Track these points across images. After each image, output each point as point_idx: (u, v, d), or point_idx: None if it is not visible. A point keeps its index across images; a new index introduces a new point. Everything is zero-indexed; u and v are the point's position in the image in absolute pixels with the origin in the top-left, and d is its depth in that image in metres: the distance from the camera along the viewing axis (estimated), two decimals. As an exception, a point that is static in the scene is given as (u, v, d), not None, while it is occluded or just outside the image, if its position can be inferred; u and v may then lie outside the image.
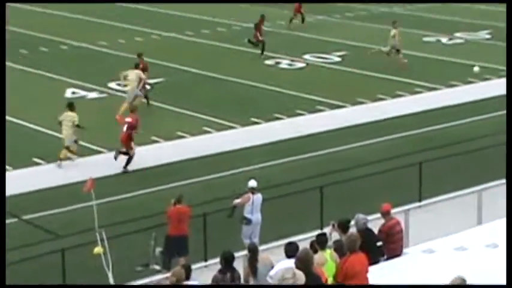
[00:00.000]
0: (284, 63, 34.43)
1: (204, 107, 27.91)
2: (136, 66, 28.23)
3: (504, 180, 18.15)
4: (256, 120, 26.77)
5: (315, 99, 29.01)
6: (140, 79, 27.63)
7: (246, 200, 17.64)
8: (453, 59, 34.77)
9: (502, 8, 43.47)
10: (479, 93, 29.48)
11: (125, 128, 22.75)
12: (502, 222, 14.98)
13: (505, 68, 32.41)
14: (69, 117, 23.01)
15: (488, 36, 39.22)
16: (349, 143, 24.57)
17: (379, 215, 15.52)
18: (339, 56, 35.56)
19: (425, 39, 38.64)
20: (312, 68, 33.97)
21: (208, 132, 25.73)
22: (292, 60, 34.80)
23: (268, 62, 34.74)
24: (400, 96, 29.48)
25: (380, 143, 24.75)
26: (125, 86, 28.53)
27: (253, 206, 17.60)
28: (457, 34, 39.59)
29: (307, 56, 35.40)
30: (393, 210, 15.91)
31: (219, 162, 23.16)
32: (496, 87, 30.09)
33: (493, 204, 17.92)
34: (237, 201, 17.76)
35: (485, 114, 27.05)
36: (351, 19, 44.29)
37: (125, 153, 22.59)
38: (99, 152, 23.88)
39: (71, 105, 23.45)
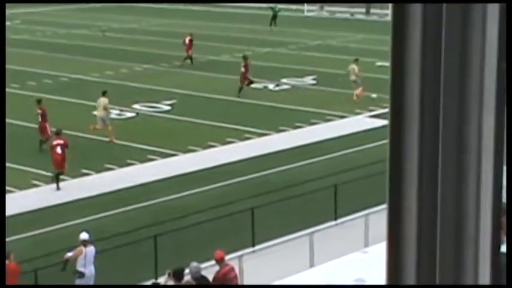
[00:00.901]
0: (114, 113, 34.12)
1: (31, 160, 27.19)
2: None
3: (334, 222, 18.60)
4: (86, 171, 26.31)
5: (146, 148, 28.86)
6: None
7: (79, 253, 17.26)
8: (281, 104, 35.52)
9: (327, 54, 44.95)
10: (308, 138, 30.19)
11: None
12: (334, 264, 15.28)
13: (331, 112, 33.46)
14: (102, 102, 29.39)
15: (313, 82, 40.35)
16: (182, 191, 24.54)
17: (213, 261, 15.51)
18: (169, 105, 35.62)
19: (253, 85, 39.33)
20: (143, 117, 33.84)
21: (37, 185, 25.06)
22: (122, 110, 34.55)
23: (96, 112, 34.33)
24: (230, 142, 29.79)
25: (212, 190, 24.85)
26: None
27: (86, 259, 17.23)
28: (284, 80, 40.52)
29: (136, 106, 35.26)
30: (227, 257, 15.95)
31: (49, 216, 22.56)
32: (323, 131, 30.93)
33: (324, 246, 18.28)
34: (69, 254, 17.34)
35: (314, 158, 27.69)
36: (179, 67, 44.53)
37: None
38: None
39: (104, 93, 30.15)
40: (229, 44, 50.86)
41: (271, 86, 39.54)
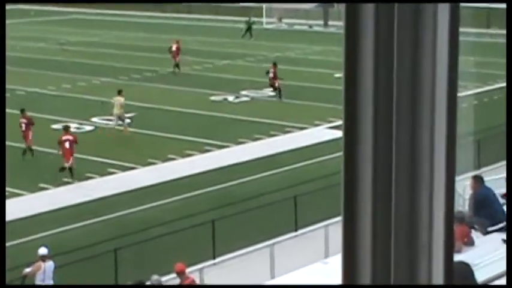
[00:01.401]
0: (72, 127, 33.86)
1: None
2: None
3: (294, 233, 18.64)
4: (44, 185, 26.11)
5: (105, 161, 28.71)
6: None
7: (37, 268, 17.10)
8: (240, 116, 35.57)
9: (286, 66, 45.07)
10: (267, 150, 30.25)
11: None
12: (295, 275, 15.30)
13: (290, 124, 33.58)
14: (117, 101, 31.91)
15: (272, 94, 40.45)
16: (142, 204, 24.44)
17: (174, 274, 15.47)
18: (128, 118, 35.48)
19: (213, 98, 39.35)
20: (101, 131, 33.67)
21: (-5, 200, 24.80)
22: (80, 124, 34.35)
23: (55, 126, 34.10)
24: (190, 155, 29.74)
25: (173, 202, 24.78)
26: None
27: (44, 274, 17.08)
28: (243, 92, 40.59)
29: (95, 119, 35.07)
30: (188, 269, 15.92)
31: (7, 231, 22.32)
32: (282, 143, 31.01)
33: (285, 257, 18.31)
34: (28, 270, 17.18)
35: (274, 169, 27.74)
36: (138, 80, 44.42)
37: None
38: None
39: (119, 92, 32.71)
40: (188, 56, 50.85)
41: (230, 98, 39.58)
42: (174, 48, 44.43)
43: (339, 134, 30.08)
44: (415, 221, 1.80)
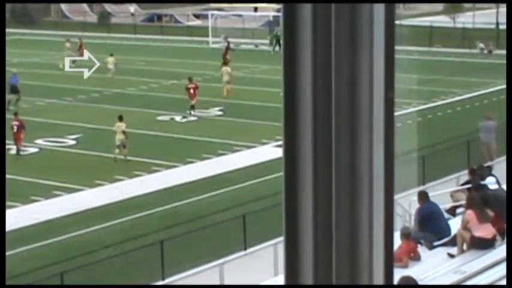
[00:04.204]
0: (15, 150, 33.45)
1: None
2: None
3: (243, 252, 18.61)
4: (-10, 209, 25.74)
5: (51, 184, 28.41)
6: None
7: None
8: (188, 136, 35.50)
9: (233, 85, 45.11)
10: (215, 169, 30.22)
11: None
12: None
13: (238, 142, 33.62)
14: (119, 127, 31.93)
15: (219, 113, 40.47)
16: (90, 226, 24.22)
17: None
18: (74, 139, 35.20)
19: (160, 118, 39.22)
20: (46, 153, 33.33)
21: None
22: (24, 146, 33.93)
23: None
24: (138, 175, 29.57)
25: (121, 223, 24.60)
26: None
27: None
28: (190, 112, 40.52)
29: (39, 141, 34.69)
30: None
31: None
32: (230, 161, 31.02)
33: (235, 276, 18.28)
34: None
35: (222, 188, 27.71)
36: (83, 101, 44.10)
37: None
38: None
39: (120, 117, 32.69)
40: (135, 76, 50.67)
41: (178, 118, 39.49)
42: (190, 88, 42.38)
43: (286, 152, 30.18)
44: (355, 240, 1.83)
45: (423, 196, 18.15)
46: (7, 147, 33.58)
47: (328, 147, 1.85)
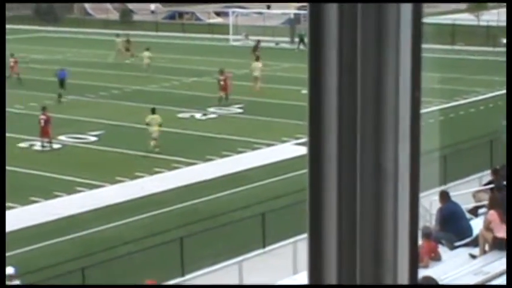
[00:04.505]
0: (38, 145, 33.68)
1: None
2: None
3: (262, 250, 18.60)
4: (11, 204, 25.88)
5: (73, 180, 28.55)
6: None
7: (4, 288, 16.95)
8: (208, 133, 35.55)
9: (253, 83, 45.10)
10: (235, 166, 30.25)
11: None
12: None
13: (258, 140, 33.62)
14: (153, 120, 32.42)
15: (240, 110, 40.50)
16: (111, 222, 24.31)
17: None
18: (95, 135, 35.34)
19: (180, 115, 39.29)
20: (69, 149, 33.50)
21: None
22: (47, 142, 34.10)
23: (22, 144, 33.90)
24: (158, 172, 29.65)
25: (141, 220, 24.68)
26: None
27: (11, 294, 16.94)
28: (210, 109, 40.57)
29: (62, 137, 34.86)
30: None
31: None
32: (250, 159, 31.03)
33: (253, 274, 18.29)
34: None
35: (242, 186, 27.73)
36: (105, 98, 44.27)
37: None
38: None
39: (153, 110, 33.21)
40: (156, 73, 50.79)
41: (198, 115, 39.56)
42: (222, 79, 42.70)
43: (305, 150, 30.14)
44: (380, 241, 1.82)
45: (445, 196, 18.08)
46: (31, 143, 33.81)
47: (352, 146, 1.85)
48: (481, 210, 19.38)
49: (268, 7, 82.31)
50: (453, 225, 17.32)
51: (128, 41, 59.66)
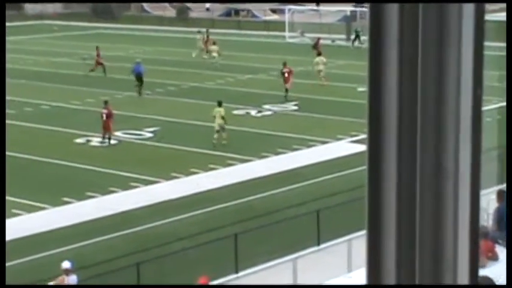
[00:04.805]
0: (95, 141, 34.06)
1: (13, 189, 27.04)
2: None
3: (317, 247, 18.57)
4: (68, 199, 26.22)
5: (128, 175, 28.81)
6: None
7: (60, 282, 17.17)
8: (263, 130, 35.60)
9: (309, 80, 45.03)
10: (290, 163, 30.23)
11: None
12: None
13: (313, 138, 33.57)
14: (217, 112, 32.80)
15: (295, 108, 40.46)
16: (165, 218, 24.48)
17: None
18: (151, 132, 35.61)
19: (235, 112, 39.40)
20: (125, 145, 33.81)
21: (19, 214, 24.93)
22: (104, 138, 34.46)
23: (79, 140, 34.29)
24: (213, 169, 29.78)
25: (195, 216, 24.81)
26: None
27: (68, 288, 17.16)
28: (266, 106, 40.61)
29: (118, 133, 35.18)
30: (211, 283, 15.92)
31: (31, 245, 22.44)
32: (305, 156, 31.00)
33: (308, 272, 18.28)
34: (51, 283, 17.26)
35: (296, 183, 27.73)
36: (161, 94, 44.58)
37: None
38: None
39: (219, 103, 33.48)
40: (211, 71, 51.01)
41: (253, 112, 39.63)
42: (285, 71, 43.00)
43: (361, 148, 30.03)
44: (440, 239, 1.82)
45: (502, 195, 17.87)
46: (88, 138, 34.19)
47: (413, 146, 1.85)
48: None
49: (318, 4, 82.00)
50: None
51: (207, 37, 59.50)
